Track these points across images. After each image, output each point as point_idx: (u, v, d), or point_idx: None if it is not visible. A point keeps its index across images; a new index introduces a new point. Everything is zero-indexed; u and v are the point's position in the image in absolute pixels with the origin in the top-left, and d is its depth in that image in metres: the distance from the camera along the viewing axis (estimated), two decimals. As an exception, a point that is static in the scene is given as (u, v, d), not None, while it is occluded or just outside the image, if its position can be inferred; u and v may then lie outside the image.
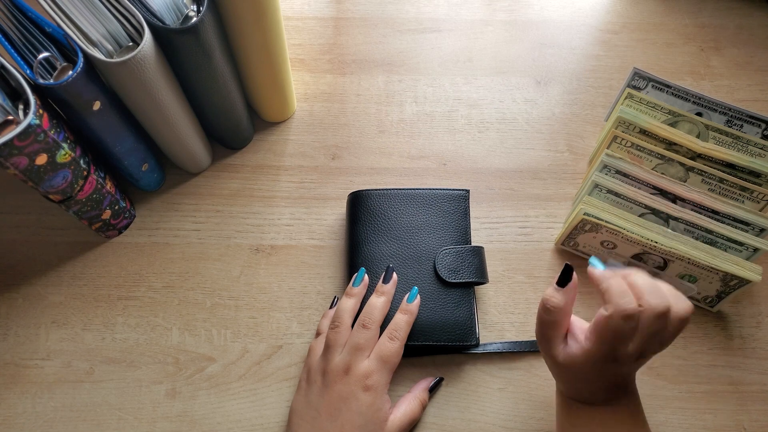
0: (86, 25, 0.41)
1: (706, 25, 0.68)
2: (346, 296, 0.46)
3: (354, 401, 0.40)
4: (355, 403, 0.40)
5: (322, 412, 0.40)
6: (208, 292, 0.51)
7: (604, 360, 0.36)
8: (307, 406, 0.41)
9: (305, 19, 0.68)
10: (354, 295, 0.45)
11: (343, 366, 0.41)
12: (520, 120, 0.61)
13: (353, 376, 0.41)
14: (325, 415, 0.40)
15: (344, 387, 0.41)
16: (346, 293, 0.46)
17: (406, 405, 0.44)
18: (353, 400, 0.40)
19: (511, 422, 0.46)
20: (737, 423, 0.47)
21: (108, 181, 0.50)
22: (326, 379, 0.41)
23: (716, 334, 0.50)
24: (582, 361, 0.37)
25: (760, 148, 0.49)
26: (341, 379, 0.41)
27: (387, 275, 0.46)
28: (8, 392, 0.47)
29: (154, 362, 0.48)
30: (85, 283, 0.52)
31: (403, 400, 0.45)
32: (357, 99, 0.62)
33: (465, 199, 0.52)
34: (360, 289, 0.46)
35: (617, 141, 0.51)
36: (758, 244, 0.46)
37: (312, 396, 0.42)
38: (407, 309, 0.45)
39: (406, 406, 0.44)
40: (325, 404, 0.40)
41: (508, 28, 0.68)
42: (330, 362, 0.42)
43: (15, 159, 0.39)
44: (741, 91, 0.63)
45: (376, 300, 0.44)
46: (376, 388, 0.41)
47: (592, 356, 0.36)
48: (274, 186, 0.57)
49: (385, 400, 0.42)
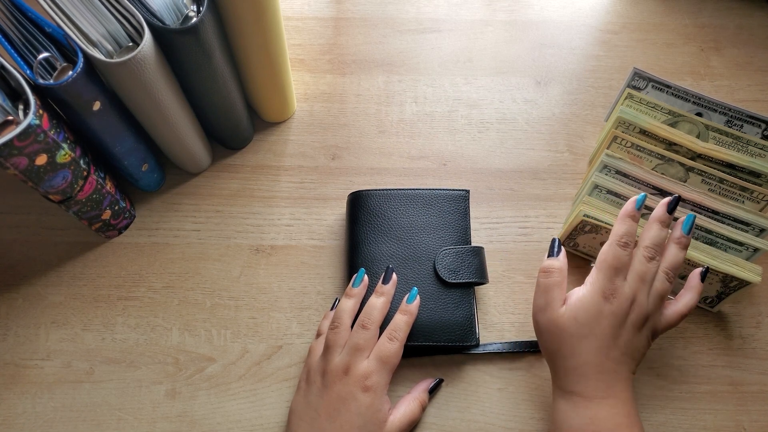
0: (86, 25, 0.41)
1: (706, 25, 0.68)
2: (345, 297, 0.46)
3: (353, 402, 0.40)
4: (354, 404, 0.40)
5: (321, 413, 0.40)
6: (208, 293, 0.51)
7: (604, 313, 0.39)
8: (307, 406, 0.41)
9: (305, 19, 0.68)
10: (354, 295, 0.45)
11: (342, 366, 0.41)
12: (520, 120, 0.61)
13: (352, 377, 0.41)
14: (324, 416, 0.40)
15: (343, 387, 0.41)
16: (345, 294, 0.46)
17: (405, 406, 0.44)
18: (352, 401, 0.40)
19: (511, 422, 0.46)
20: (737, 423, 0.47)
21: (108, 182, 0.50)
22: (325, 380, 0.41)
23: (716, 334, 0.50)
24: (585, 305, 0.39)
25: (760, 149, 0.49)
26: (340, 380, 0.41)
27: (386, 276, 0.46)
28: (8, 392, 0.47)
29: (154, 362, 0.48)
30: (85, 283, 0.52)
31: (402, 401, 0.44)
32: (357, 99, 0.62)
33: (465, 199, 0.52)
34: (359, 289, 0.46)
35: (617, 141, 0.51)
36: (758, 244, 0.46)
37: (311, 396, 0.42)
38: (407, 310, 0.45)
39: (405, 407, 0.44)
40: (324, 405, 0.40)
41: (508, 28, 0.68)
42: (329, 363, 0.42)
43: (15, 159, 0.39)
44: (741, 91, 0.63)
45: (375, 300, 0.44)
46: (375, 389, 0.41)
47: (593, 294, 0.39)
48: (274, 186, 0.57)
49: (385, 401, 0.42)
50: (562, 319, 0.39)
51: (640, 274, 0.40)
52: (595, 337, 0.38)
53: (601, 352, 0.38)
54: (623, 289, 0.39)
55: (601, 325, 0.38)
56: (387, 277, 0.46)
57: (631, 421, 0.38)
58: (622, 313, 0.39)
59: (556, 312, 0.40)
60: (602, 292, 0.39)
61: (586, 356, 0.39)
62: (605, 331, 0.38)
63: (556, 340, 0.40)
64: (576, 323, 0.39)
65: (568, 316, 0.40)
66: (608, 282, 0.39)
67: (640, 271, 0.40)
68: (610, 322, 0.38)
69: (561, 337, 0.40)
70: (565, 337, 0.39)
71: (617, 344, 0.38)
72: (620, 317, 0.39)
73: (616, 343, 0.38)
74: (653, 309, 0.40)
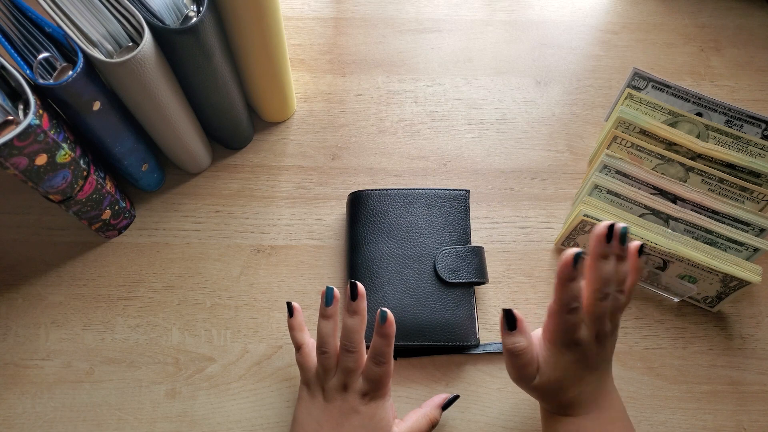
0: (86, 25, 0.41)
1: (706, 25, 0.68)
2: (322, 318, 0.42)
3: (355, 415, 0.40)
4: (356, 417, 0.40)
5: (325, 425, 0.40)
6: (208, 292, 0.51)
7: (572, 360, 0.38)
8: (309, 416, 0.41)
9: (305, 19, 0.68)
10: (330, 315, 0.42)
11: (340, 385, 0.41)
12: (520, 120, 0.61)
13: (351, 393, 0.41)
14: (327, 428, 0.40)
15: (344, 403, 0.40)
16: (321, 315, 0.42)
17: (414, 422, 0.42)
18: (354, 415, 0.40)
19: (511, 422, 0.46)
20: (737, 423, 0.47)
21: (108, 181, 0.50)
22: (326, 396, 0.41)
23: (716, 334, 0.50)
24: (553, 366, 0.39)
25: (760, 148, 0.49)
26: (341, 396, 0.41)
27: (352, 292, 0.42)
28: (8, 392, 0.47)
29: (154, 362, 0.48)
30: (85, 283, 0.52)
31: (412, 414, 0.43)
32: (357, 99, 0.62)
33: (465, 199, 0.52)
34: (334, 307, 0.42)
35: (617, 141, 0.51)
36: (758, 244, 0.46)
37: (314, 409, 0.41)
38: (383, 333, 0.41)
39: (413, 423, 0.42)
40: (326, 418, 0.40)
41: (508, 28, 0.68)
42: (326, 383, 0.41)
43: (15, 159, 0.39)
44: (741, 91, 0.63)
45: (350, 321, 0.41)
46: (376, 401, 0.41)
47: (559, 361, 0.39)
48: (274, 186, 0.57)
49: (388, 407, 0.41)
50: (539, 386, 0.40)
51: (597, 315, 0.38)
52: (570, 379, 0.39)
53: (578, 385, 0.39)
54: (584, 337, 0.38)
55: (573, 368, 0.39)
56: (353, 293, 0.42)
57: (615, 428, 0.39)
58: (590, 353, 0.39)
59: (532, 383, 0.40)
60: (564, 348, 0.39)
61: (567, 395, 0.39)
62: (577, 372, 0.39)
63: (538, 395, 0.41)
64: (551, 383, 0.40)
65: (543, 381, 0.40)
66: (567, 345, 0.39)
67: (596, 314, 0.38)
68: (581, 362, 0.39)
69: (543, 393, 0.41)
70: (546, 393, 0.40)
71: (590, 367, 0.39)
72: (588, 355, 0.39)
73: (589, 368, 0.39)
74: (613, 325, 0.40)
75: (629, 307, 0.51)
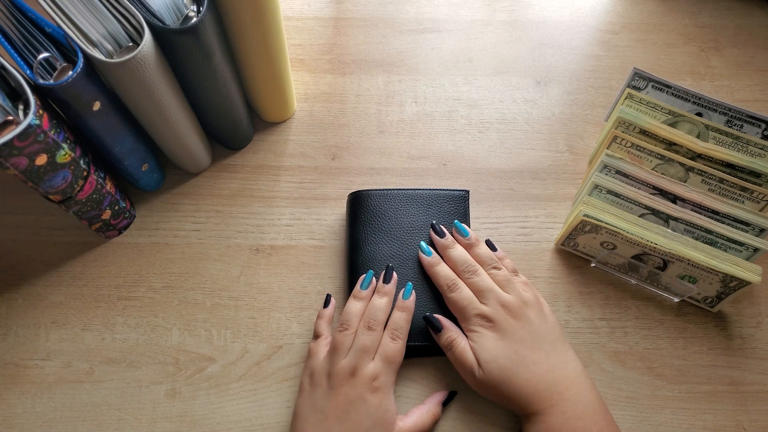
0: (86, 25, 0.41)
1: (706, 25, 0.68)
2: (353, 299, 0.46)
3: (362, 403, 0.40)
4: (363, 406, 0.40)
5: (329, 415, 0.40)
6: (208, 292, 0.51)
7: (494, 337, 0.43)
8: (312, 408, 0.41)
9: (305, 19, 0.68)
10: (363, 298, 0.46)
11: (349, 369, 0.41)
12: (520, 120, 0.61)
13: (360, 379, 0.41)
14: (332, 418, 0.40)
15: (351, 390, 0.40)
16: (353, 295, 0.46)
17: (417, 416, 0.43)
18: (361, 402, 0.40)
19: (511, 422, 0.46)
20: (737, 423, 0.47)
21: (108, 182, 0.50)
22: (332, 382, 0.41)
23: (716, 335, 0.50)
24: (491, 353, 0.42)
25: (760, 148, 0.49)
26: (348, 382, 0.41)
27: (387, 275, 0.46)
28: (8, 392, 0.47)
29: (154, 362, 0.48)
30: (85, 283, 0.52)
31: (415, 410, 0.44)
32: (357, 99, 0.62)
33: (465, 199, 0.52)
34: (368, 292, 0.46)
35: (617, 141, 0.51)
36: (758, 244, 0.46)
37: (317, 398, 0.41)
38: (404, 306, 0.45)
39: (417, 418, 0.43)
40: (331, 406, 0.40)
41: (508, 28, 0.68)
42: (335, 365, 0.42)
43: (15, 159, 0.39)
44: (741, 91, 0.63)
45: (378, 301, 0.45)
46: (383, 390, 0.41)
47: (484, 342, 0.43)
48: (274, 186, 0.57)
49: (392, 402, 0.42)
50: (487, 376, 0.42)
51: (478, 287, 0.45)
52: (507, 359, 0.42)
53: (524, 366, 0.42)
54: (484, 309, 0.44)
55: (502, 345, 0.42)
56: (387, 276, 0.46)
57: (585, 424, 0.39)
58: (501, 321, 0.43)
59: (477, 375, 0.42)
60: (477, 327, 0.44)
61: (519, 382, 0.42)
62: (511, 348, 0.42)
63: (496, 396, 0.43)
64: (494, 370, 0.42)
65: (486, 370, 0.42)
66: (475, 322, 0.44)
67: (475, 285, 0.45)
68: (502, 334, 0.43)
69: (495, 388, 0.42)
70: (496, 385, 0.42)
71: (519, 341, 0.42)
72: (500, 323, 0.43)
73: (520, 342, 0.42)
74: (516, 293, 0.45)
75: (629, 307, 0.51)
